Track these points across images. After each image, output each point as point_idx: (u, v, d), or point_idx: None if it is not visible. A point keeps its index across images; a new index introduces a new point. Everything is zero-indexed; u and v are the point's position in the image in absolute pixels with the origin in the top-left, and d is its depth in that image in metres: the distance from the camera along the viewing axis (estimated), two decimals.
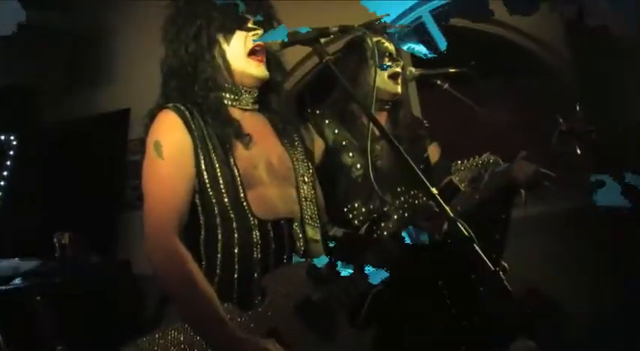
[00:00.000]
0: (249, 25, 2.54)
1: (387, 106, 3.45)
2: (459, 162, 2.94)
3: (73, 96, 6.05)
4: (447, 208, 2.12)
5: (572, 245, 4.99)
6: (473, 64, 3.69)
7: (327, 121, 3.41)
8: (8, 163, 5.75)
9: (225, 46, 2.51)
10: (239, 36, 2.53)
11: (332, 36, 2.46)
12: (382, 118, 3.43)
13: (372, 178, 2.68)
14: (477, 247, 2.01)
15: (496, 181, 2.96)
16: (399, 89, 3.46)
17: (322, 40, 2.45)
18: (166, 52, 2.57)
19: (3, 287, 4.39)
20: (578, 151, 3.03)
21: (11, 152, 5.76)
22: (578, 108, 3.08)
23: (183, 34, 2.50)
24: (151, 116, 2.50)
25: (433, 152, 3.61)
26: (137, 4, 5.83)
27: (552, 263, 4.92)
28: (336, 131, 3.40)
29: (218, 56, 2.50)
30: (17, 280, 4.62)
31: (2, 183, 5.68)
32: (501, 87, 5.38)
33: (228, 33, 2.51)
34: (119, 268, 5.44)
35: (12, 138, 5.78)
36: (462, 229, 2.04)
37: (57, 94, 6.13)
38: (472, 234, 2.04)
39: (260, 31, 2.54)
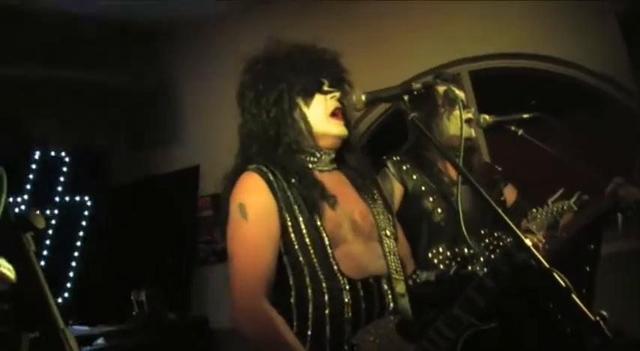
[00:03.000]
0: (326, 87, 2.59)
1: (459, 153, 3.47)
2: (534, 210, 2.93)
3: (143, 155, 6.17)
4: (541, 257, 2.11)
5: None
6: (534, 102, 3.71)
7: (404, 168, 3.45)
8: (84, 223, 5.89)
9: (305, 109, 2.55)
10: (318, 99, 2.57)
11: (415, 92, 2.50)
12: None
13: (462, 223, 2.69)
14: (575, 298, 1.99)
15: (594, 210, 2.97)
16: (472, 134, 3.50)
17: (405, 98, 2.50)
18: (244, 117, 2.61)
19: (87, 348, 4.46)
20: None
21: (86, 213, 5.90)
22: None
23: (264, 98, 2.54)
24: (232, 179, 2.52)
25: (509, 195, 3.63)
26: (204, 62, 5.98)
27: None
28: (415, 177, 3.43)
29: (299, 119, 2.53)
30: (100, 340, 4.70)
31: (79, 243, 5.82)
32: (569, 126, 5.34)
33: (309, 96, 2.55)
34: (196, 324, 5.50)
35: (86, 199, 5.93)
36: (559, 279, 2.02)
37: (127, 154, 6.26)
38: (569, 284, 2.02)
39: (337, 94, 2.59)
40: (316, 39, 2.64)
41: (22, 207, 5.59)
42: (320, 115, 2.56)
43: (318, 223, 2.45)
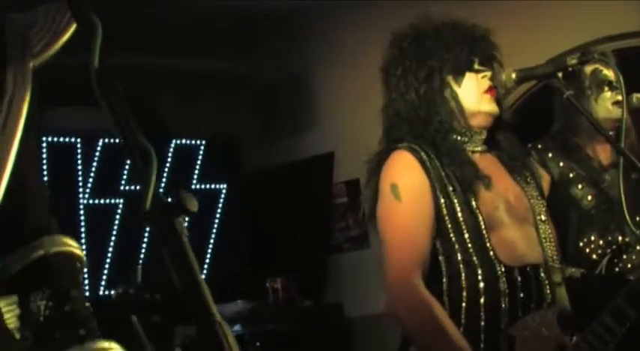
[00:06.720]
0: (477, 66, 2.45)
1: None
2: None
3: (277, 142, 6.19)
4: None
5: None
6: None
7: (550, 155, 3.29)
8: (219, 211, 5.96)
9: (456, 88, 2.42)
10: (470, 77, 2.43)
11: (570, 68, 2.35)
12: (606, 148, 3.25)
13: (625, 209, 2.52)
14: None
15: None
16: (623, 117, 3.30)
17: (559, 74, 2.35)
18: (390, 95, 2.50)
19: None
20: None
21: (221, 201, 5.97)
22: None
23: (412, 76, 2.42)
24: (380, 160, 2.43)
25: None
26: (339, 47, 5.91)
27: None
28: (561, 164, 3.26)
29: (450, 99, 2.41)
30: (237, 327, 4.75)
31: (214, 231, 5.89)
32: None
33: (460, 74, 2.43)
34: (331, 311, 5.50)
35: (221, 187, 6.00)
36: None
37: (261, 142, 6.30)
38: None
39: (489, 73, 2.45)
40: (465, 16, 2.52)
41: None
42: (472, 93, 2.42)
43: (474, 205, 2.32)
